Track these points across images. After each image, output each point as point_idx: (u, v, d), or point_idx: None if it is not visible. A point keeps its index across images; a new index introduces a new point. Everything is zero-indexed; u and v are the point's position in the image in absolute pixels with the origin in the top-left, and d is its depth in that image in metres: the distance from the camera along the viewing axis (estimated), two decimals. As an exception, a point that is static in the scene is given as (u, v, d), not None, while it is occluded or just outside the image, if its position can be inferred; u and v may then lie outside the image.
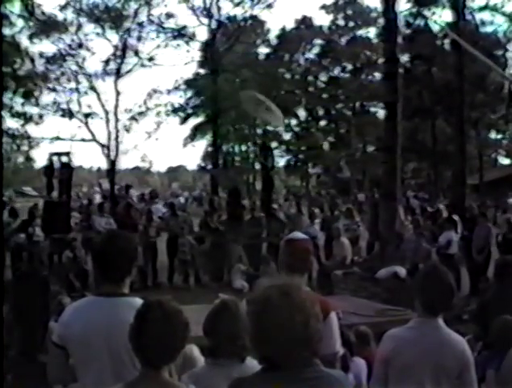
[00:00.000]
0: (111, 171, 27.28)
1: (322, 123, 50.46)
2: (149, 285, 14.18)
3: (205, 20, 29.19)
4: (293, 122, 46.96)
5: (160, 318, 2.56)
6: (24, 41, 24.98)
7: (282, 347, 2.16)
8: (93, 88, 27.20)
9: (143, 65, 28.39)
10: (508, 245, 13.30)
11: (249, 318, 2.33)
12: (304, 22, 48.20)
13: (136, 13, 27.15)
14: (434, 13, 28.96)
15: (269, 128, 42.27)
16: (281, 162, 48.96)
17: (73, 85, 26.95)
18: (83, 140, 26.68)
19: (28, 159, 29.47)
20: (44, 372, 3.56)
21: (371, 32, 44.49)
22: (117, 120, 27.15)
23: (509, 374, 4.48)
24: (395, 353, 3.46)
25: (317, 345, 2.25)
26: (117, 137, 27.01)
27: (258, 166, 38.05)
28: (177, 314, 2.63)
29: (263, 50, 45.14)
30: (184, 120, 33.38)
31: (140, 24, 27.49)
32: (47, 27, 25.33)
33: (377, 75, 41.55)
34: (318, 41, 47.65)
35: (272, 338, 2.16)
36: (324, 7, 47.94)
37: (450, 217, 14.92)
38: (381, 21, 23.97)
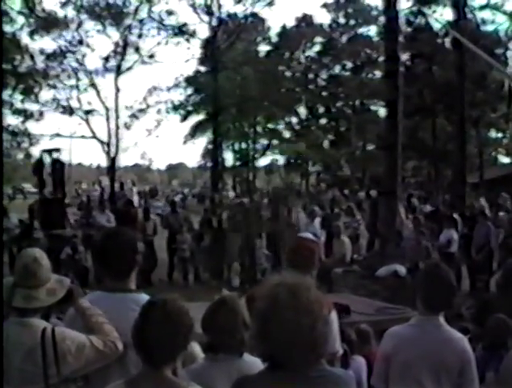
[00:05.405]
0: (111, 168, 27.34)
1: (322, 121, 50.27)
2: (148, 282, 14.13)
3: (206, 17, 29.10)
4: (293, 120, 46.89)
5: (162, 319, 2.54)
6: (24, 38, 25.03)
7: (286, 348, 2.12)
8: (93, 85, 27.25)
9: (143, 62, 28.46)
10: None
11: (254, 314, 2.30)
12: (305, 20, 48.12)
13: (136, 10, 27.17)
14: (434, 11, 28.86)
15: (269, 125, 42.36)
16: (281, 160, 48.98)
17: (73, 82, 27.05)
18: (83, 137, 26.76)
19: (28, 156, 29.45)
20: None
21: (372, 30, 44.44)
22: (117, 117, 27.20)
23: (509, 376, 4.46)
24: (396, 351, 3.46)
25: (323, 348, 2.21)
26: (117, 134, 27.06)
27: (257, 164, 38.11)
28: (180, 315, 2.60)
29: (264, 48, 45.05)
30: (184, 118, 33.34)
31: (141, 21, 27.51)
32: (47, 23, 25.32)
33: (378, 73, 41.44)
34: (319, 39, 47.54)
35: (276, 338, 2.13)
36: (325, 5, 47.86)
37: (450, 215, 14.88)
38: (382, 19, 23.94)
